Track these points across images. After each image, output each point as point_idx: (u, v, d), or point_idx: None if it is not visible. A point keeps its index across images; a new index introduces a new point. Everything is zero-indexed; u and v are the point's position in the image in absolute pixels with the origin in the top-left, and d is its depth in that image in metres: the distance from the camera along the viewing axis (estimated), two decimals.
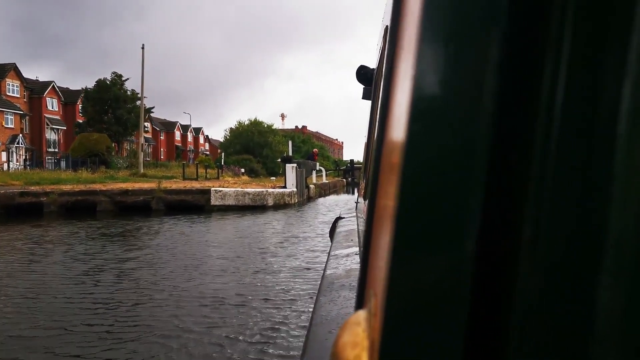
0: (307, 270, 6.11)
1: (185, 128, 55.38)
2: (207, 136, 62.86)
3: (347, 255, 1.72)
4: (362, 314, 0.38)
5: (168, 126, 53.79)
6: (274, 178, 25.27)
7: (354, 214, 3.16)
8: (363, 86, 2.18)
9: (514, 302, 0.25)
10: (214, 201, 14.88)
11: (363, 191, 2.54)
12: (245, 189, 15.45)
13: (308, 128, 75.37)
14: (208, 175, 23.41)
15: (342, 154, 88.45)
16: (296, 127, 73.32)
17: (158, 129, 50.56)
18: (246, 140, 42.37)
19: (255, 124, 44.31)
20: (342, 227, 2.74)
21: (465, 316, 0.26)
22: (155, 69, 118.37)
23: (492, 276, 0.26)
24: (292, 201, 16.24)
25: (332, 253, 1.87)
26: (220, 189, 15.31)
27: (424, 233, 0.27)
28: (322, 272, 1.72)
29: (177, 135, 54.82)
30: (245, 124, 44.53)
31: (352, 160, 36.89)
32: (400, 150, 0.30)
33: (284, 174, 17.55)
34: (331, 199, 20.42)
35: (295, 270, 6.12)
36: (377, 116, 0.49)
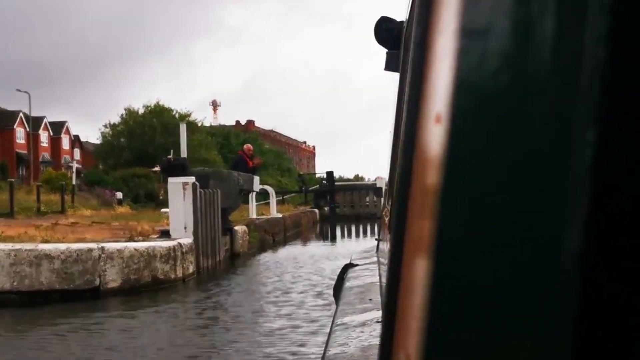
0: None
1: (36, 123, 51.17)
2: (76, 137, 59.96)
3: (364, 324, 1.81)
4: None
5: (3, 120, 49.78)
6: (166, 210, 19.02)
7: (372, 258, 3.40)
8: (386, 50, 2.33)
9: None
10: None
11: (388, 224, 2.54)
12: (43, 246, 8.94)
13: (257, 124, 71.39)
14: (44, 208, 21.07)
15: (313, 166, 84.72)
16: (237, 122, 68.86)
17: None
18: (141, 143, 38.50)
19: (157, 114, 40.03)
20: (353, 280, 2.93)
21: None
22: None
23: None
24: (179, 273, 10.32)
25: (338, 321, 1.99)
26: None
27: (499, 282, 0.27)
28: (321, 352, 1.74)
29: (20, 134, 50.85)
30: (140, 113, 40.12)
31: (330, 175, 31.45)
32: (457, 159, 0.28)
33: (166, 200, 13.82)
34: (288, 255, 16.06)
35: None
36: (414, 100, 0.45)
